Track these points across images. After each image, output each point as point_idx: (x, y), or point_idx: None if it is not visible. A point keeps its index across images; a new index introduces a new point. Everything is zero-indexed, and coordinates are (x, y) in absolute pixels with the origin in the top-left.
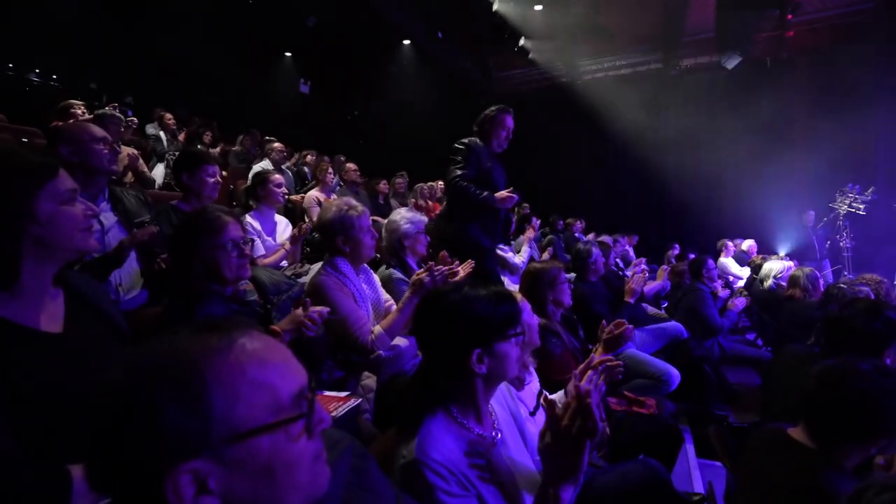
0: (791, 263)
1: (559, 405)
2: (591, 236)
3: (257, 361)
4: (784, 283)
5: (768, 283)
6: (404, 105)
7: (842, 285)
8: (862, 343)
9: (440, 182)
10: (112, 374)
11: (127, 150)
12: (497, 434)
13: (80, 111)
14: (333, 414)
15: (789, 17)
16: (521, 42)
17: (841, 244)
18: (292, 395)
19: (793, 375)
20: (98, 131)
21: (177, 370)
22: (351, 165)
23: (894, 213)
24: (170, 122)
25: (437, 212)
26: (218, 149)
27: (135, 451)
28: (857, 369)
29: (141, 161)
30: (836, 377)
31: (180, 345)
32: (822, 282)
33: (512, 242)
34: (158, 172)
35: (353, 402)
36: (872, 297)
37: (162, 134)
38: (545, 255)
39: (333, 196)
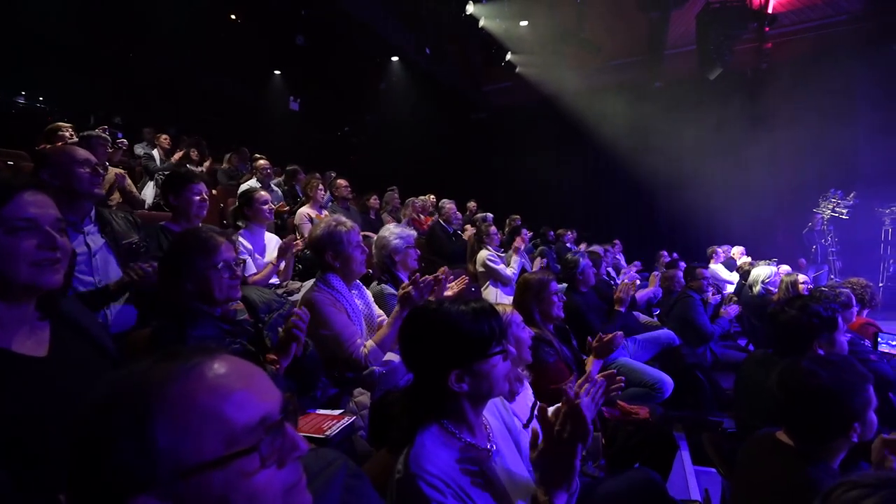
0: (787, 268)
1: (551, 413)
2: (582, 246)
3: (211, 390)
4: (772, 288)
5: (757, 288)
6: (394, 121)
7: (824, 289)
8: (794, 335)
9: (431, 196)
10: (79, 407)
11: (114, 171)
12: (492, 446)
13: (68, 133)
14: (328, 433)
15: (767, 29)
16: (508, 57)
17: (827, 248)
18: (250, 425)
19: (752, 378)
20: (80, 154)
21: (126, 402)
22: (342, 181)
23: (876, 218)
24: (165, 142)
25: (429, 224)
26: (206, 166)
27: (86, 485)
28: (806, 369)
29: (129, 181)
30: (792, 381)
31: (138, 376)
32: (809, 286)
33: (503, 254)
34: (149, 192)
35: (347, 421)
36: (854, 299)
37: (155, 153)
38: (536, 266)
39: (325, 212)
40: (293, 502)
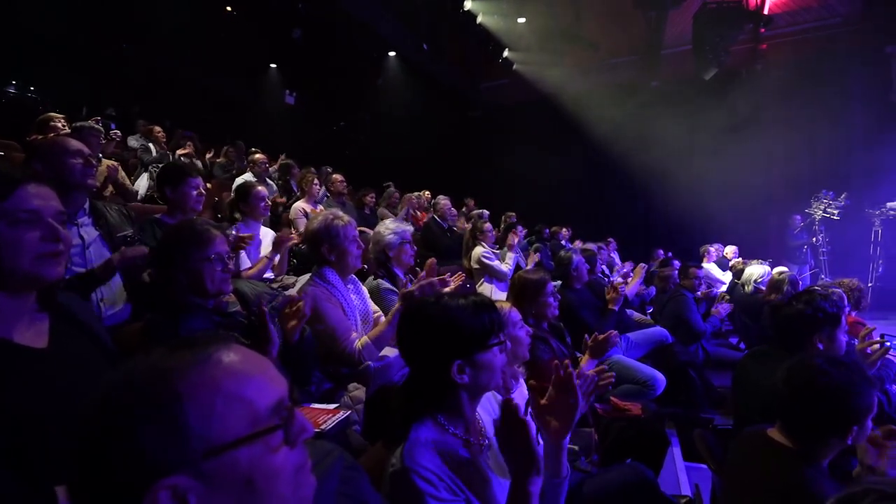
0: (782, 268)
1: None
2: (576, 244)
3: (233, 375)
4: (764, 287)
5: (749, 287)
6: (391, 116)
7: (815, 288)
8: (797, 328)
9: (427, 192)
10: (91, 397)
11: (107, 163)
12: (485, 441)
13: (60, 124)
14: (323, 427)
15: (762, 30)
16: (506, 53)
17: (818, 248)
18: (270, 406)
19: (749, 375)
20: (73, 145)
21: (151, 391)
22: (338, 176)
23: (867, 219)
24: (159, 134)
25: (424, 220)
26: (204, 159)
27: (113, 472)
28: (818, 366)
29: (122, 174)
30: (802, 377)
31: (155, 364)
32: (801, 285)
33: (497, 251)
34: (143, 183)
35: (342, 415)
36: (845, 299)
37: (151, 145)
38: (531, 263)
39: (320, 207)
40: (302, 483)
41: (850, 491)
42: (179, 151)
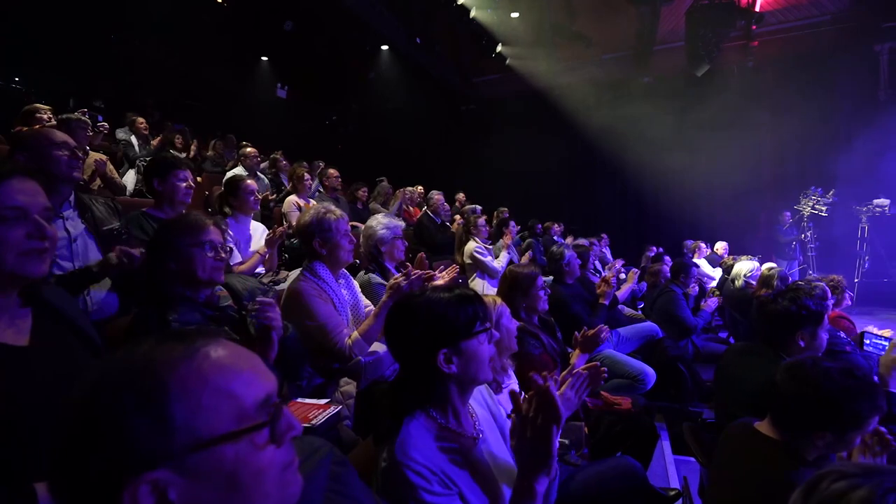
0: (772, 264)
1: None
2: (568, 239)
3: (221, 369)
4: (754, 283)
5: (739, 282)
6: (383, 110)
7: (800, 283)
8: (781, 325)
9: (420, 187)
10: (76, 389)
11: (95, 156)
12: (478, 434)
13: (46, 116)
14: (314, 422)
15: (754, 27)
16: (499, 48)
17: (806, 244)
18: (257, 401)
19: (732, 369)
20: (58, 136)
21: (138, 382)
22: (333, 171)
23: (854, 215)
24: (141, 126)
25: (417, 216)
26: (191, 154)
27: (95, 464)
28: (824, 366)
29: (111, 167)
30: (805, 372)
31: (143, 356)
32: (790, 281)
33: (491, 247)
34: (130, 179)
35: (333, 410)
36: (828, 293)
37: (133, 139)
38: (524, 259)
39: (312, 202)
40: (288, 481)
41: (818, 474)
42: (154, 143)
